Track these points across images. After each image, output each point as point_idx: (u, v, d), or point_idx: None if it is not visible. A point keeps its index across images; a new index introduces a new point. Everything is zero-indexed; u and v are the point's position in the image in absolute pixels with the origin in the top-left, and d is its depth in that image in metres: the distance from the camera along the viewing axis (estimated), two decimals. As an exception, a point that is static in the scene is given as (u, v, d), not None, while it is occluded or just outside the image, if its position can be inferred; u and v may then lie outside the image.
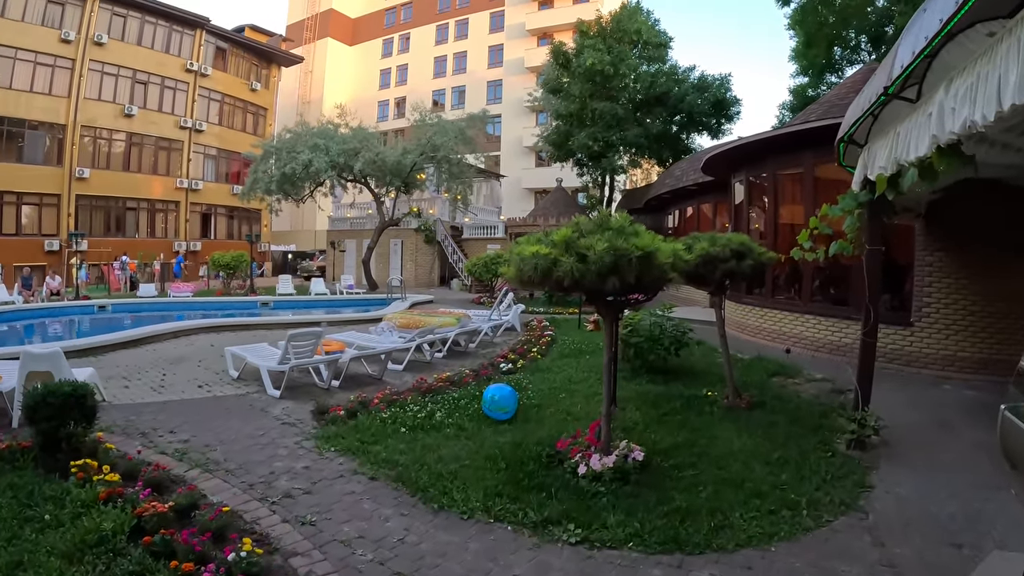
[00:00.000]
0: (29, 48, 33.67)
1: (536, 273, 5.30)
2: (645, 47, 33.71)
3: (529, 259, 5.28)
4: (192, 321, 16.70)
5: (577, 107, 32.79)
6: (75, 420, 6.42)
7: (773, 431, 7.28)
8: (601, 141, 32.11)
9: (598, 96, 32.20)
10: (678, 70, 33.88)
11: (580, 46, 32.54)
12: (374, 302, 23.61)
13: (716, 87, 32.98)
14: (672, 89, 32.43)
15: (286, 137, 30.71)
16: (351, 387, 9.62)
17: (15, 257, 32.36)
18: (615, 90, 32.76)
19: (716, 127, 34.03)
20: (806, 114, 14.52)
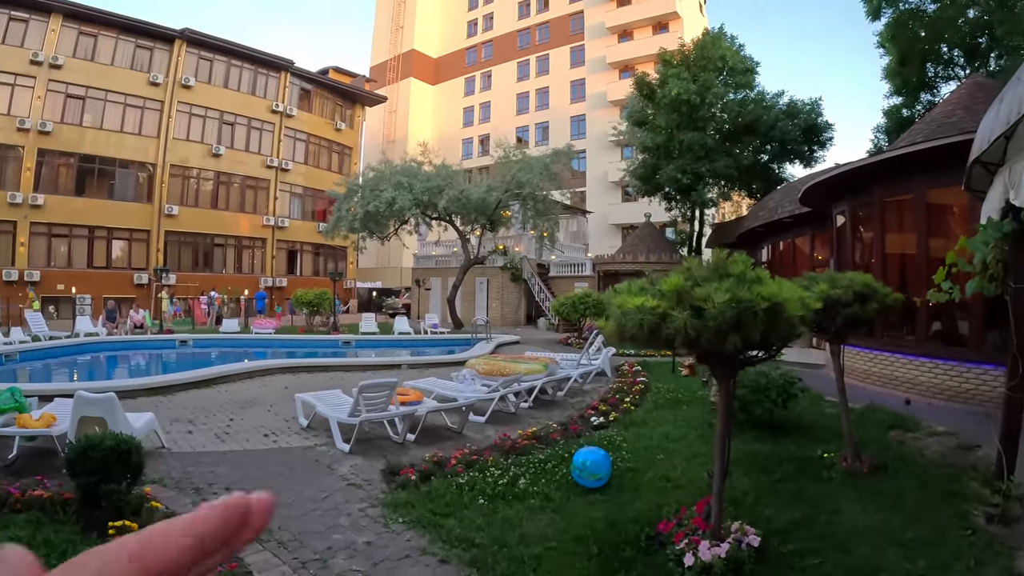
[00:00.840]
0: (119, 91, 35.84)
1: (642, 331, 4.36)
2: (731, 73, 32.42)
3: (633, 313, 4.35)
4: (267, 361, 16.42)
5: (663, 139, 31.73)
6: (118, 476, 5.88)
7: (901, 502, 6.17)
8: (690, 173, 30.87)
9: (685, 127, 31.10)
10: (766, 96, 32.36)
11: (664, 76, 31.58)
12: (458, 342, 23.09)
13: (807, 112, 31.31)
14: (761, 116, 30.97)
15: (369, 175, 31.09)
16: (428, 441, 8.84)
17: (105, 289, 33.69)
18: (702, 120, 31.58)
19: (808, 155, 32.27)
20: (911, 135, 13.23)
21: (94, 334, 22.61)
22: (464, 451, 7.67)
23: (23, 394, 9.64)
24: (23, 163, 32.55)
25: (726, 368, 5.02)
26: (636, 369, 14.82)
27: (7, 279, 31.43)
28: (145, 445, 8.38)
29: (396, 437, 8.80)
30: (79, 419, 7.63)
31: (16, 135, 32.28)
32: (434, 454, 7.50)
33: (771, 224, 22.58)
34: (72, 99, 34.49)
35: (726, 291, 4.30)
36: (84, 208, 34.59)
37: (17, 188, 32.26)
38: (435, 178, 28.90)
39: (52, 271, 33.32)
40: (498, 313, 32.71)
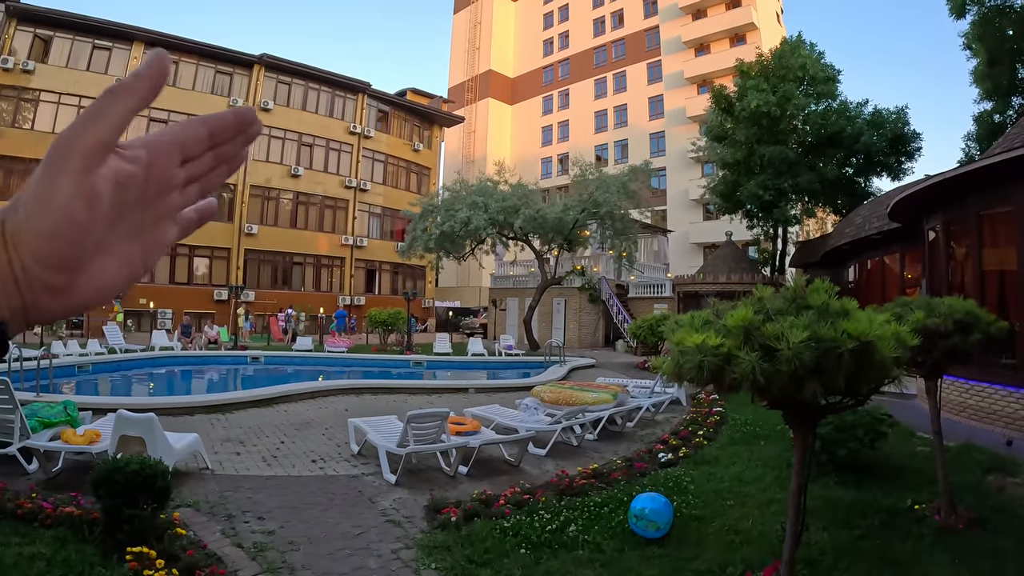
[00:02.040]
0: (200, 114, 36.28)
1: (701, 374, 3.73)
2: (812, 83, 31.00)
3: (692, 353, 3.74)
4: (330, 382, 16.37)
5: (744, 154, 30.56)
6: (142, 501, 5.66)
7: (1003, 567, 5.30)
8: (772, 189, 29.59)
9: (766, 140, 29.85)
10: (849, 106, 30.76)
11: (742, 88, 30.48)
12: (532, 365, 22.66)
13: (892, 122, 29.52)
14: (845, 128, 29.40)
15: (444, 195, 31.40)
16: (481, 475, 8.36)
17: (186, 305, 35.19)
18: (783, 133, 30.27)
19: (896, 167, 30.44)
20: (1008, 140, 12.07)
21: (169, 348, 23.27)
22: (515, 489, 7.13)
23: (77, 408, 9.71)
24: None
25: (803, 418, 4.33)
26: (713, 398, 13.96)
27: None
28: (189, 466, 8.35)
29: (447, 469, 8.34)
30: (119, 437, 7.49)
31: None
32: (483, 491, 6.99)
33: (858, 242, 21.44)
34: (155, 123, 35.57)
35: (804, 328, 3.64)
36: None
37: None
38: (511, 197, 28.89)
39: (136, 286, 34.13)
40: (575, 335, 32.17)
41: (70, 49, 34.54)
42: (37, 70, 33.27)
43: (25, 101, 33.63)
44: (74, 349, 19.98)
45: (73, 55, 34.60)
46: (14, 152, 32.38)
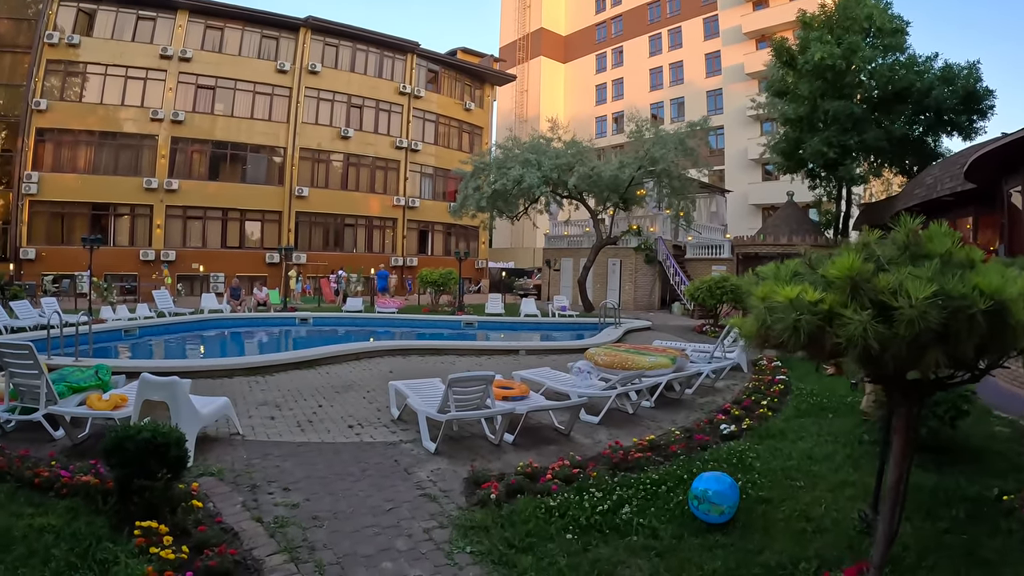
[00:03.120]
0: (248, 79, 38.39)
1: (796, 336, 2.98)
2: (878, 35, 29.07)
3: (783, 310, 2.99)
4: (375, 343, 15.97)
5: (807, 109, 28.98)
6: (153, 471, 5.26)
7: None
8: (836, 146, 28.05)
9: (830, 95, 28.22)
10: (918, 60, 28.78)
11: (805, 41, 28.86)
12: (587, 327, 21.97)
13: (964, 77, 27.43)
14: (913, 83, 27.51)
15: (496, 153, 30.78)
16: (528, 444, 7.77)
17: (238, 268, 35.64)
18: (848, 87, 28.56)
19: (967, 126, 28.44)
20: None
21: (218, 311, 23.29)
22: (564, 461, 6.51)
23: (110, 371, 9.42)
24: (158, 151, 35.44)
25: (910, 394, 3.56)
26: (776, 364, 13.05)
27: (144, 259, 34.21)
28: (220, 431, 8.02)
29: (492, 437, 7.76)
30: (143, 402, 7.11)
31: (150, 125, 35.20)
32: (529, 463, 6.40)
33: (928, 204, 20.13)
34: (202, 89, 37.11)
35: (930, 281, 2.86)
36: (217, 191, 37.14)
37: (153, 174, 35.08)
38: (564, 155, 28.15)
39: (187, 251, 35.81)
40: (631, 296, 31.33)
41: (114, 21, 35.03)
42: (83, 43, 33.99)
43: (72, 75, 34.54)
44: (123, 314, 20.09)
45: (118, 27, 35.10)
46: (63, 124, 33.59)
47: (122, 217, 35.40)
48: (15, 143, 33.33)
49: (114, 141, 34.87)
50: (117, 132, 34.82)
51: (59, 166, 33.63)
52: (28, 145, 32.58)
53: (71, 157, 34.20)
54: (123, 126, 34.95)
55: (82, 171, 34.09)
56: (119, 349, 15.99)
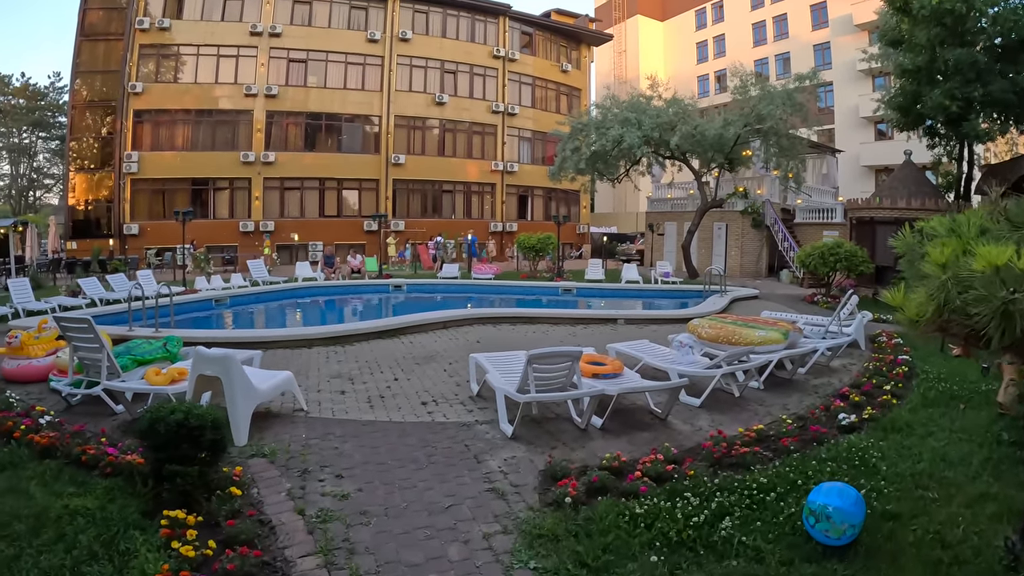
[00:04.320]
0: (339, 50, 38.93)
1: (1009, 323, 1.98)
2: None
3: (986, 283, 1.97)
4: (462, 310, 15.45)
5: (925, 59, 26.00)
6: (186, 456, 4.79)
7: None
8: (959, 99, 25.21)
9: (950, 42, 25.16)
10: None
11: None
12: (690, 294, 20.86)
13: None
14: None
15: (595, 113, 29.79)
16: (619, 428, 6.91)
17: (336, 237, 36.54)
18: (970, 33, 25.51)
19: None
20: None
21: (312, 279, 23.44)
22: (657, 455, 5.60)
23: (182, 343, 9.15)
24: (253, 125, 36.66)
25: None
26: (896, 342, 11.51)
27: (244, 230, 35.50)
28: (284, 407, 7.61)
29: (578, 420, 6.92)
30: (196, 377, 6.68)
31: (244, 100, 36.44)
32: (616, 455, 5.54)
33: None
34: (294, 63, 37.94)
35: None
36: (314, 162, 38.00)
37: (249, 148, 36.27)
38: (665, 113, 26.95)
39: (285, 221, 36.76)
40: (737, 262, 29.77)
41: (203, 2, 36.29)
42: (173, 26, 35.61)
43: (165, 57, 36.30)
44: (217, 284, 20.38)
45: (207, 8, 36.34)
46: (159, 105, 35.50)
47: (221, 191, 36.88)
48: (115, 125, 35.40)
49: (210, 118, 36.45)
50: (213, 109, 36.39)
51: (158, 145, 35.52)
52: (127, 127, 34.62)
53: (169, 135, 36.08)
54: (218, 103, 36.44)
55: (180, 148, 35.90)
56: (199, 320, 16.03)
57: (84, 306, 16.02)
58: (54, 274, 24.83)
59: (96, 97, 37.94)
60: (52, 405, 7.63)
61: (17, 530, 4.33)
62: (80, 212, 37.63)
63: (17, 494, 4.95)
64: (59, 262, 26.90)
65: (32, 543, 4.17)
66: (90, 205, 37.61)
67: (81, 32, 37.12)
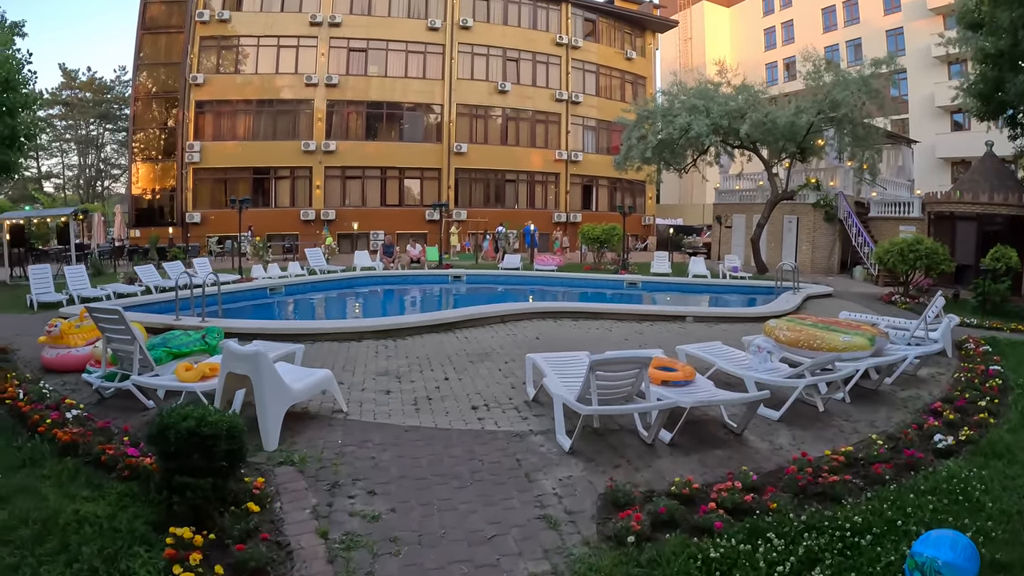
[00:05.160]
0: (399, 39, 39.00)
1: None
2: None
3: None
4: (522, 304, 14.87)
5: (1007, 43, 24.01)
6: (197, 467, 4.33)
7: None
8: None
9: None
10: None
11: None
12: (760, 290, 19.98)
13: None
14: None
15: (661, 100, 28.90)
16: (689, 444, 6.17)
17: (397, 226, 36.41)
18: None
19: None
20: None
21: (370, 268, 23.24)
22: (734, 481, 4.86)
23: (223, 334, 8.75)
24: (314, 115, 37.12)
25: None
26: (985, 349, 10.33)
27: (305, 218, 35.89)
28: (323, 407, 7.12)
29: (644, 434, 6.21)
30: (226, 375, 6.21)
31: (305, 90, 36.93)
32: (687, 480, 4.83)
33: None
34: (354, 52, 38.10)
35: None
36: (375, 151, 38.17)
37: (310, 137, 36.69)
38: (734, 100, 25.91)
39: (346, 210, 37.02)
40: (808, 257, 28.43)
41: None
42: (233, 18, 36.47)
43: (225, 48, 37.16)
44: (274, 272, 20.26)
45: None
46: (220, 96, 36.44)
47: (282, 180, 37.35)
48: (177, 116, 36.53)
49: (271, 108, 37.09)
50: (273, 99, 37.03)
51: (219, 135, 36.37)
52: (189, 118, 35.68)
53: (230, 126, 36.83)
54: (278, 93, 37.02)
55: (242, 138, 36.57)
56: (243, 310, 15.79)
57: (139, 293, 16.06)
58: (115, 261, 25.23)
59: (158, 89, 39.18)
60: (86, 397, 7.43)
61: (22, 536, 4.10)
62: (144, 201, 38.79)
63: (30, 495, 4.72)
64: (121, 249, 27.39)
65: (35, 551, 3.92)
66: (157, 194, 38.68)
67: (142, 26, 38.37)
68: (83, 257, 22.92)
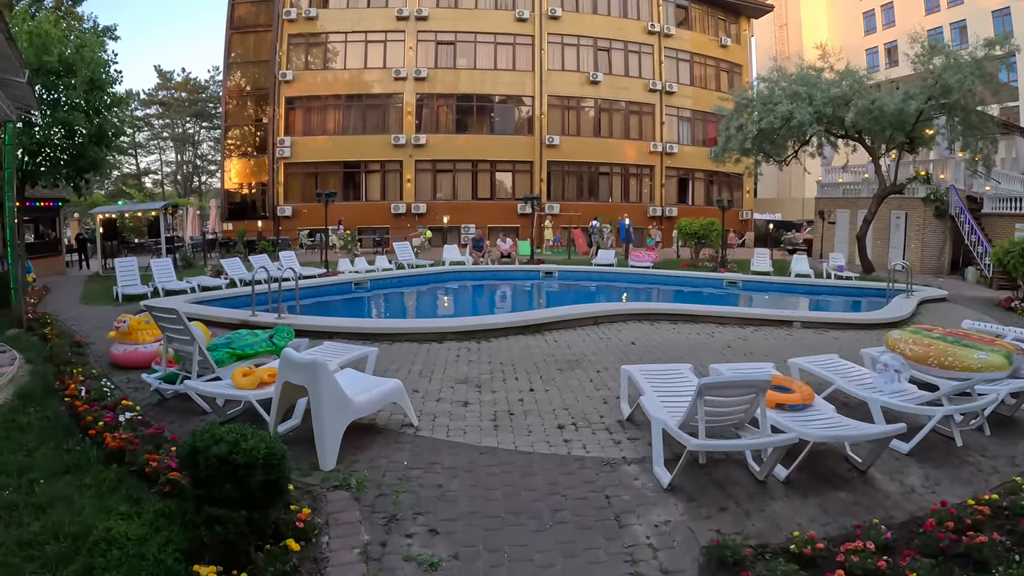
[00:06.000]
0: (487, 31, 38.94)
1: None
2: None
3: None
4: (616, 305, 14.00)
5: None
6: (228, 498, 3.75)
7: None
8: None
9: None
10: None
11: None
12: (869, 292, 18.60)
13: None
14: None
15: (760, 87, 27.50)
16: (805, 482, 5.17)
17: (489, 219, 36.35)
18: None
19: None
20: None
21: (459, 263, 22.99)
22: (864, 541, 3.83)
23: (293, 334, 8.25)
24: (403, 108, 37.63)
25: None
26: None
27: (395, 212, 36.39)
28: (392, 418, 6.50)
29: (755, 467, 5.27)
30: (283, 384, 5.61)
31: (394, 84, 37.52)
32: (809, 537, 3.88)
33: None
34: (442, 45, 38.36)
35: None
36: (466, 144, 38.20)
37: (400, 131, 37.22)
38: (838, 86, 24.30)
39: (437, 203, 37.21)
40: (916, 256, 26.36)
41: None
42: (320, 15, 37.66)
43: (313, 45, 38.25)
44: (361, 266, 20.13)
45: None
46: (309, 92, 37.62)
47: (373, 173, 37.90)
48: (267, 113, 37.92)
49: (360, 102, 37.79)
50: (362, 94, 37.75)
51: (309, 130, 37.42)
52: (279, 114, 36.95)
53: (320, 121, 37.82)
54: (367, 87, 37.73)
55: (332, 133, 37.51)
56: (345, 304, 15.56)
57: (223, 287, 16.05)
58: (206, 254, 25.71)
59: (249, 87, 40.57)
60: (147, 397, 7.15)
61: (49, 553, 3.82)
62: (237, 195, 40.30)
63: (68, 505, 4.46)
64: (213, 242, 27.99)
65: (58, 572, 3.65)
66: (252, 188, 40.09)
67: (231, 26, 39.99)
68: (174, 250, 23.40)
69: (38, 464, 5.20)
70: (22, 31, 16.98)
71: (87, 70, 17.31)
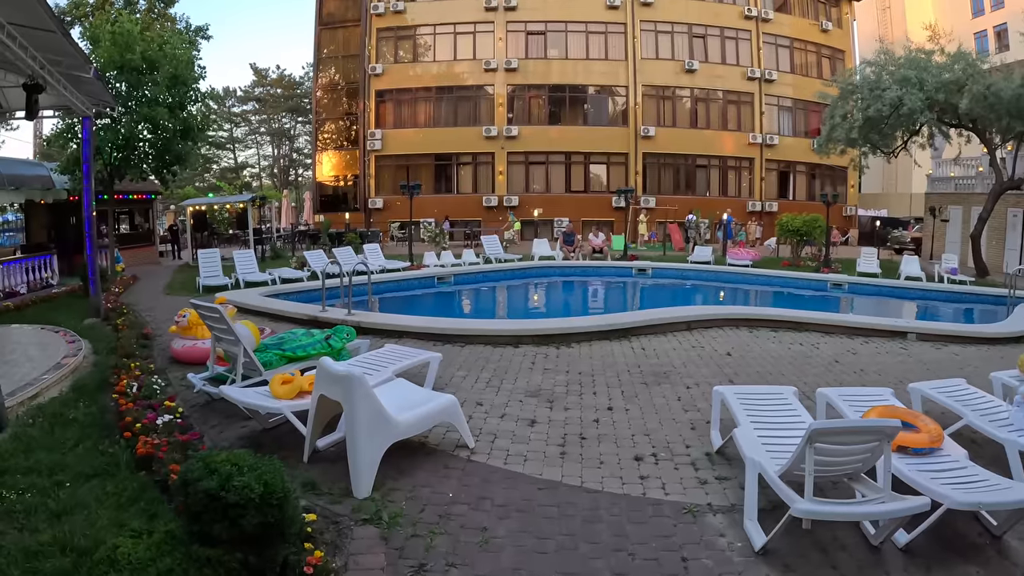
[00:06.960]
0: (578, 20, 38.10)
1: None
2: None
3: None
4: (710, 308, 12.85)
5: None
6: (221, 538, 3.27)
7: None
8: None
9: None
10: None
11: None
12: (984, 299, 16.79)
13: None
14: None
15: (867, 72, 25.50)
16: (928, 550, 4.11)
17: (583, 213, 35.76)
18: None
19: None
20: None
21: (549, 258, 22.35)
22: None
23: (354, 335, 7.71)
24: (495, 100, 37.50)
25: None
26: None
27: (487, 204, 36.20)
28: (446, 437, 5.76)
29: (871, 532, 4.21)
30: (319, 398, 4.99)
31: (484, 75, 37.49)
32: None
33: None
34: (532, 35, 37.95)
35: None
36: (559, 135, 37.59)
37: (492, 122, 37.05)
38: (951, 70, 22.32)
39: (529, 196, 36.80)
40: (1034, 259, 24.09)
41: None
42: (408, 9, 37.89)
43: (402, 39, 38.65)
44: (447, 260, 19.74)
45: None
46: (399, 84, 38.05)
47: (464, 166, 37.98)
48: (358, 106, 38.64)
49: (450, 94, 37.85)
50: (452, 86, 37.78)
51: (400, 122, 37.83)
52: (369, 107, 37.53)
53: (410, 113, 38.14)
54: (458, 79, 37.74)
55: (422, 125, 37.74)
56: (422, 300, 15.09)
57: (304, 279, 15.90)
58: (295, 245, 25.90)
59: (339, 81, 41.40)
60: (197, 397, 6.73)
61: (52, 568, 3.55)
62: (328, 188, 41.27)
63: (85, 513, 4.20)
64: (302, 234, 28.27)
65: None
66: (345, 181, 40.87)
67: (320, 22, 41.06)
68: (262, 242, 23.61)
69: (69, 464, 4.98)
70: (104, 32, 17.46)
71: (170, 66, 17.52)
